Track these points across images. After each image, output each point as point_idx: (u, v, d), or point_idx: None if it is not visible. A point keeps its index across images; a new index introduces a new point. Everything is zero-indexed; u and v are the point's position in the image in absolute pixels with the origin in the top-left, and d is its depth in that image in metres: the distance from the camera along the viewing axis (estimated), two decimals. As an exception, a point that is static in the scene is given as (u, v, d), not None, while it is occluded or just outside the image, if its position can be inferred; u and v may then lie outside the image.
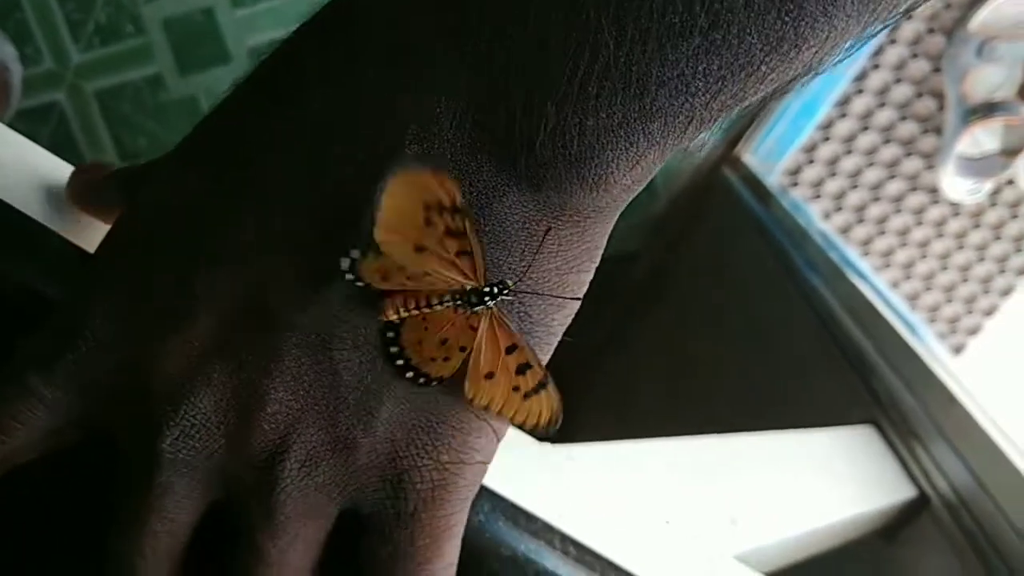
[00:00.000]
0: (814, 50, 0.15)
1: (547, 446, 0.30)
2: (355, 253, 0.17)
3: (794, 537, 0.35)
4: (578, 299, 0.20)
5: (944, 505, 0.45)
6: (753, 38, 0.14)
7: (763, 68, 0.15)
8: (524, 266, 0.18)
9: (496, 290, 0.18)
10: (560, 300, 0.19)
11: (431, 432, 0.18)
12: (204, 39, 0.86)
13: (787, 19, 0.14)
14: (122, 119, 0.87)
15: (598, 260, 0.20)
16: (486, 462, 0.20)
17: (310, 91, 0.18)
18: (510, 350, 0.19)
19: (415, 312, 0.18)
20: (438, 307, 0.18)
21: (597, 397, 0.91)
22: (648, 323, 0.86)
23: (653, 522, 0.29)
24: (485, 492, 0.24)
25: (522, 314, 0.19)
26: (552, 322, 0.19)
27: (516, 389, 0.19)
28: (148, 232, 0.19)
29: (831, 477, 0.42)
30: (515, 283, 0.18)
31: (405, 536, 0.19)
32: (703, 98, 0.15)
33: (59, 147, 0.87)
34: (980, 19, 0.91)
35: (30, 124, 0.85)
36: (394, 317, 0.18)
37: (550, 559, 0.23)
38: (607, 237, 0.20)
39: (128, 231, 0.19)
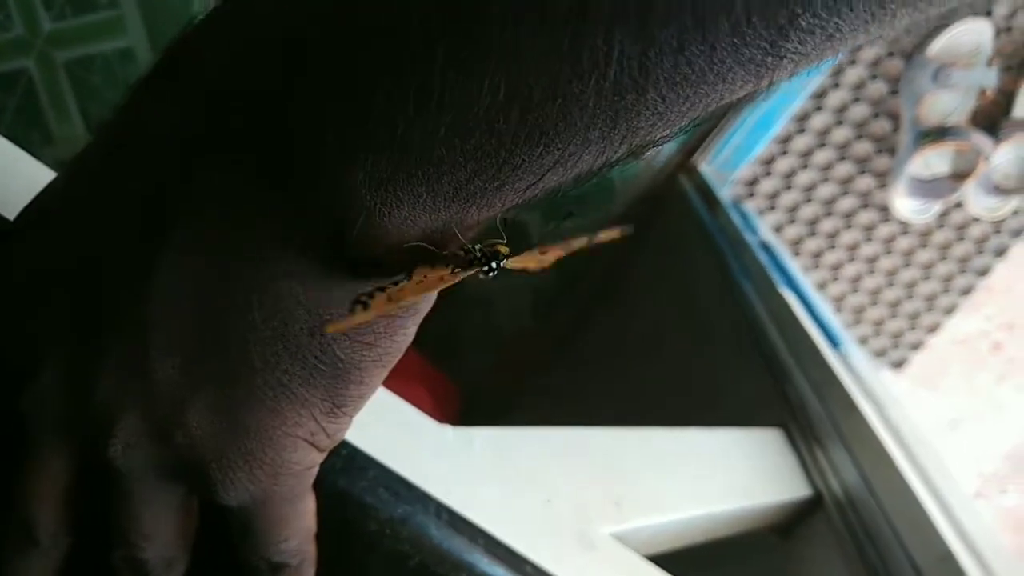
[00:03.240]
0: (559, 150, 0.15)
1: (449, 428, 0.33)
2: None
3: (679, 521, 0.37)
4: (393, 340, 0.19)
5: (835, 505, 0.48)
6: (503, 126, 0.14)
7: (516, 158, 0.15)
8: (316, 298, 0.18)
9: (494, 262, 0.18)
10: (371, 338, 0.19)
11: (241, 448, 0.19)
12: (177, 15, 0.86)
13: (529, 111, 0.14)
14: (91, 90, 0.87)
15: (419, 313, 0.20)
16: (310, 467, 0.21)
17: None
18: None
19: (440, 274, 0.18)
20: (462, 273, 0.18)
21: (544, 387, 0.94)
22: (597, 321, 0.89)
23: (534, 500, 0.31)
24: (372, 463, 0.27)
25: (324, 348, 0.19)
26: (363, 360, 0.19)
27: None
28: (23, 228, 0.21)
29: (729, 471, 0.45)
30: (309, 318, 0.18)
31: (244, 521, 0.21)
32: (464, 172, 0.15)
33: (26, 116, 0.87)
34: (938, 46, 0.94)
35: (-3, 91, 0.86)
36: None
37: (423, 522, 0.26)
38: (423, 300, 0.19)
39: (13, 225, 0.21)
